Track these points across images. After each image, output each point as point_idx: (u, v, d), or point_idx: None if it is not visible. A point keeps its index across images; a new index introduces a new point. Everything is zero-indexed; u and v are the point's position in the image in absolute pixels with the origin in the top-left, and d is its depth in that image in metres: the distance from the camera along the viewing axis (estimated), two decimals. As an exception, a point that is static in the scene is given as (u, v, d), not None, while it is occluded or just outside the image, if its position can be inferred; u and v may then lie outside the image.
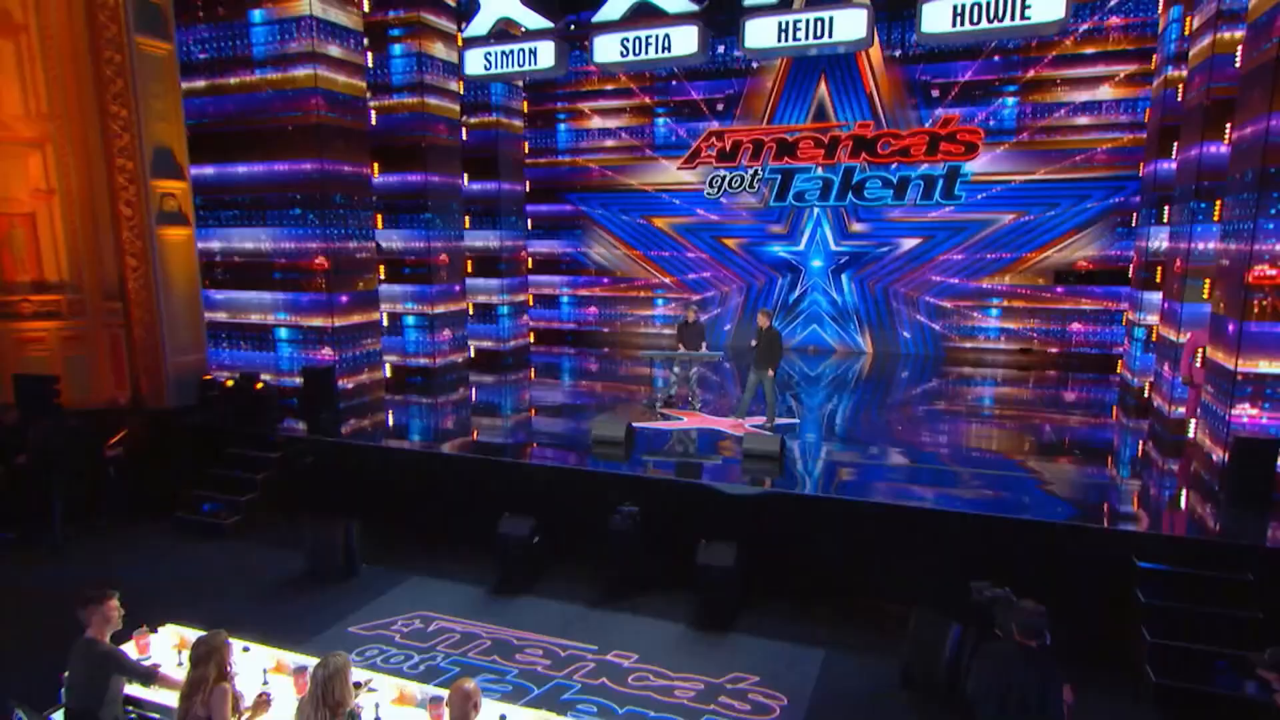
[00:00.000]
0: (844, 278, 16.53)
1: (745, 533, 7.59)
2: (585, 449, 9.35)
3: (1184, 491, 7.81)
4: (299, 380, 11.34)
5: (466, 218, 15.22)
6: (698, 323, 12.00)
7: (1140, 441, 9.92)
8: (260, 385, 11.09)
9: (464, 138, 14.70)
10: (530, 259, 18.18)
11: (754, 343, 10.31)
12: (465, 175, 14.88)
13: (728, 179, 16.65)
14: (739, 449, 9.24)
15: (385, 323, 13.39)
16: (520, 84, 16.23)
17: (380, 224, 13.23)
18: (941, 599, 6.39)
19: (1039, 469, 8.65)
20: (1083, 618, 6.37)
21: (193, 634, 5.30)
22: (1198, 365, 8.91)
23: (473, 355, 15.39)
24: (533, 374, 15.68)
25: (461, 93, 14.10)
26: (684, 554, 7.56)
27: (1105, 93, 14.16)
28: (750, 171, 16.47)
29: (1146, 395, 11.41)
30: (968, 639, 5.76)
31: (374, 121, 12.53)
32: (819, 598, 7.51)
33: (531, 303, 18.56)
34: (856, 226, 16.17)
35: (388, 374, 13.19)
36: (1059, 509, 7.24)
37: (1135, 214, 14.21)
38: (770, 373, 10.16)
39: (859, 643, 6.95)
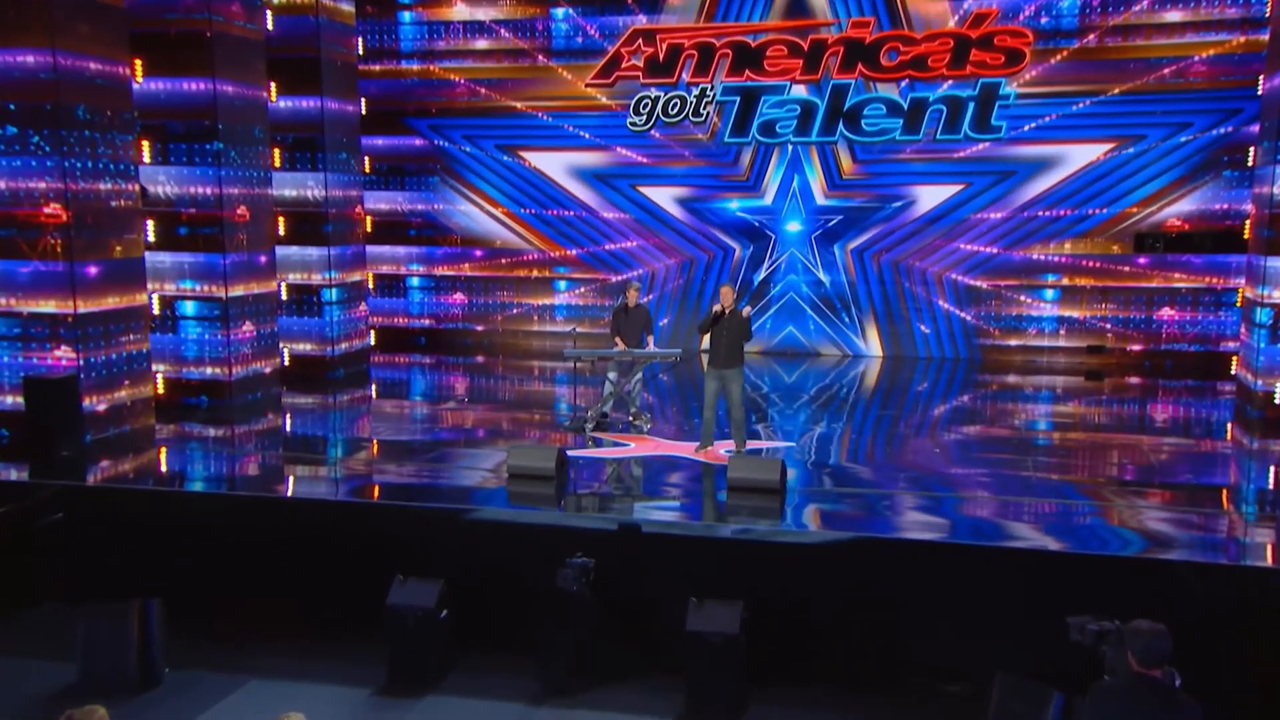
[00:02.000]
0: (835, 250, 17.49)
1: (752, 589, 8.19)
2: (498, 489, 10.00)
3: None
4: (15, 400, 11.31)
5: (275, 152, 15.34)
6: (640, 307, 12.49)
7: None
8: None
9: (268, 27, 14.86)
10: (368, 219, 18.43)
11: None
12: (272, 87, 15.04)
13: (661, 102, 17.36)
14: (720, 479, 9.95)
15: (155, 310, 13.40)
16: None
17: (145, 157, 13.27)
18: (1026, 663, 7.19)
19: (1130, 508, 9.76)
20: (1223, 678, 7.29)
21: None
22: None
23: (286, 363, 15.48)
24: (375, 392, 16.00)
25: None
26: (666, 620, 8.03)
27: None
28: (695, 91, 17.27)
29: (1280, 403, 12.53)
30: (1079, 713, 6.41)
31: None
32: (858, 677, 8.03)
33: (372, 286, 18.81)
34: (851, 171, 17.24)
35: (158, 389, 13.18)
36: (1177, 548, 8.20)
37: (1253, 149, 15.34)
38: (737, 377, 10.82)
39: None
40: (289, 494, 10.50)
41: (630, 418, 12.47)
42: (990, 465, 11.06)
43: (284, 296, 15.79)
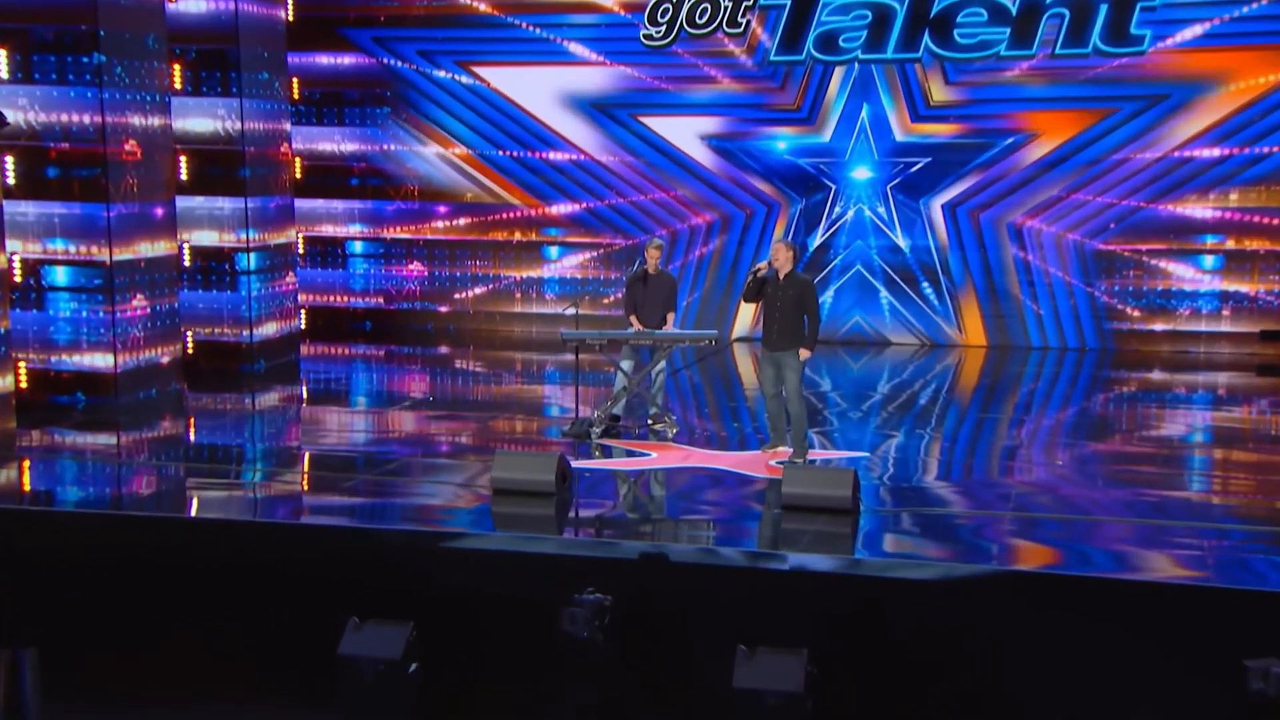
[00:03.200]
0: (920, 205, 17.47)
1: (819, 634, 8.21)
2: (479, 508, 10.14)
3: None
4: None
5: (175, 68, 15.36)
6: (663, 275, 12.57)
7: None
8: None
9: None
10: (298, 162, 18.47)
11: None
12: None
13: (686, 7, 17.37)
14: (768, 495, 10.12)
15: (16, 279, 13.40)
16: None
17: (2, 72, 13.27)
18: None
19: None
20: None
21: None
22: None
23: (190, 351, 15.53)
24: (306, 391, 16.05)
25: None
26: (705, 675, 8.02)
27: None
28: (733, -7, 17.46)
29: None
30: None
31: None
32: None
33: (302, 253, 18.83)
34: (941, 99, 17.20)
35: (20, 383, 13.18)
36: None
37: None
38: (801, 361, 11.01)
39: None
40: (200, 515, 10.49)
41: (650, 421, 12.49)
42: (1129, 486, 11.09)
43: (187, 263, 15.77)
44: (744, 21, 17.33)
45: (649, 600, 8.47)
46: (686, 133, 18.00)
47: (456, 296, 19.15)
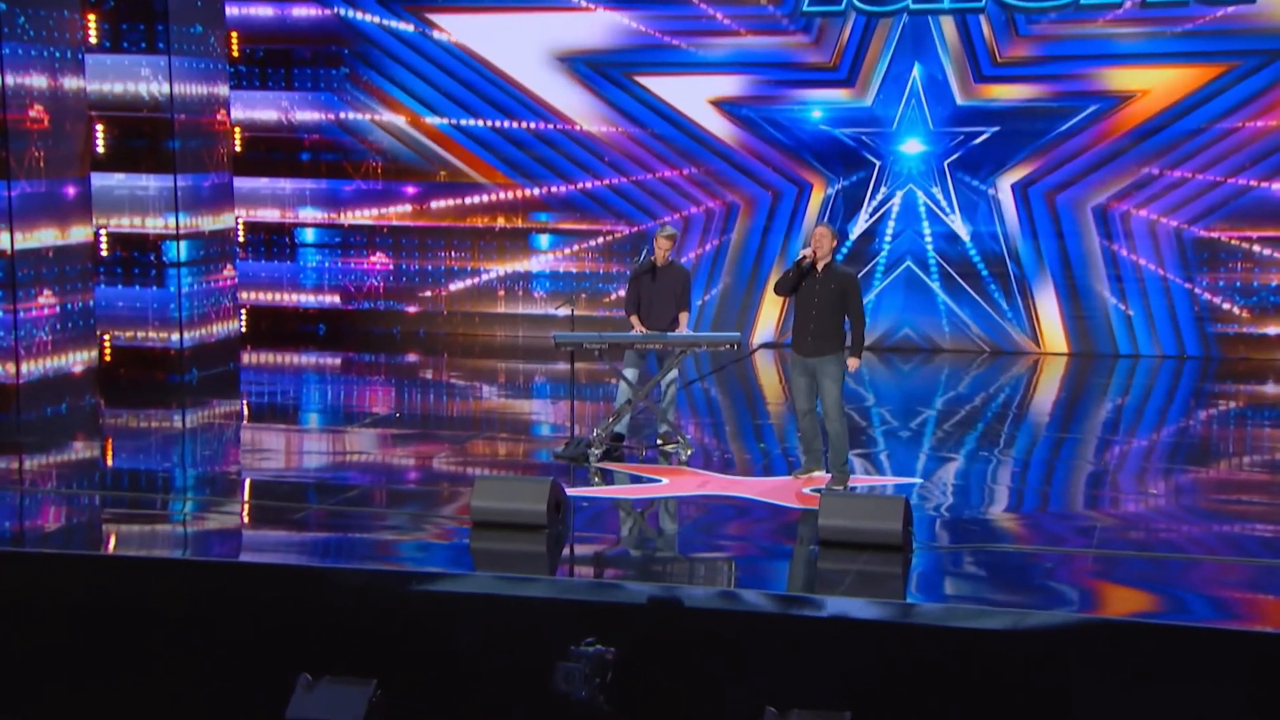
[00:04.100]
0: (984, 184, 17.44)
1: (863, 695, 8.22)
2: (455, 544, 10.15)
3: None
4: None
5: (90, 19, 15.32)
6: (675, 268, 12.58)
7: None
8: None
9: None
10: (238, 132, 18.50)
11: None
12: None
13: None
14: (802, 529, 10.23)
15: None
16: None
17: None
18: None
19: None
20: None
21: None
22: None
23: (107, 358, 15.54)
24: (248, 407, 16.06)
25: None
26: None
27: None
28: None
29: None
30: None
31: None
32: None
33: (243, 242, 18.88)
34: (1010, 55, 17.19)
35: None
36: None
37: None
38: (842, 371, 11.10)
39: None
40: (119, 552, 10.49)
41: (659, 441, 12.53)
42: (1235, 520, 11.07)
43: (104, 253, 15.83)
44: (772, -38, 17.43)
45: (659, 653, 8.50)
46: (699, 98, 18.04)
47: (428, 294, 19.20)
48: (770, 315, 17.81)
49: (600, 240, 18.63)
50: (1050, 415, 15.40)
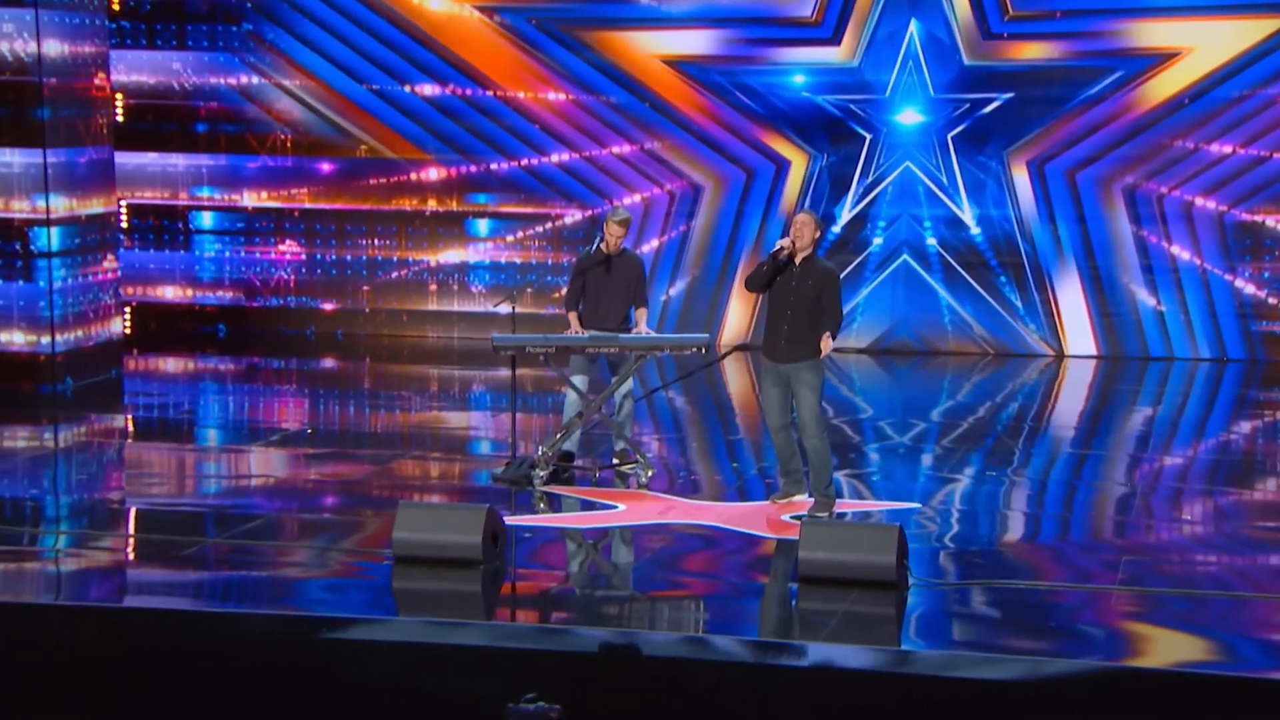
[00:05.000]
0: (992, 160, 17.51)
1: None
2: (375, 583, 10.11)
3: None
4: None
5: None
6: (629, 257, 12.58)
7: None
8: None
9: None
10: (120, 100, 18.42)
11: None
12: None
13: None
14: (778, 562, 10.29)
15: None
16: None
17: None
18: None
19: None
20: None
21: None
22: None
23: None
24: (132, 422, 16.01)
25: None
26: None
27: None
28: None
29: None
30: None
31: None
32: None
33: (127, 228, 18.84)
34: (1022, 10, 17.21)
35: None
36: None
37: None
38: (820, 374, 11.08)
39: None
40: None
41: (615, 460, 12.51)
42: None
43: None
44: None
45: (613, 710, 8.45)
46: (654, 57, 18.06)
47: (347, 289, 19.17)
48: (743, 314, 17.82)
49: (548, 226, 18.63)
50: (1070, 428, 15.44)
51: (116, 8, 18.20)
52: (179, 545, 11.26)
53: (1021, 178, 17.53)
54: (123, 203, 18.28)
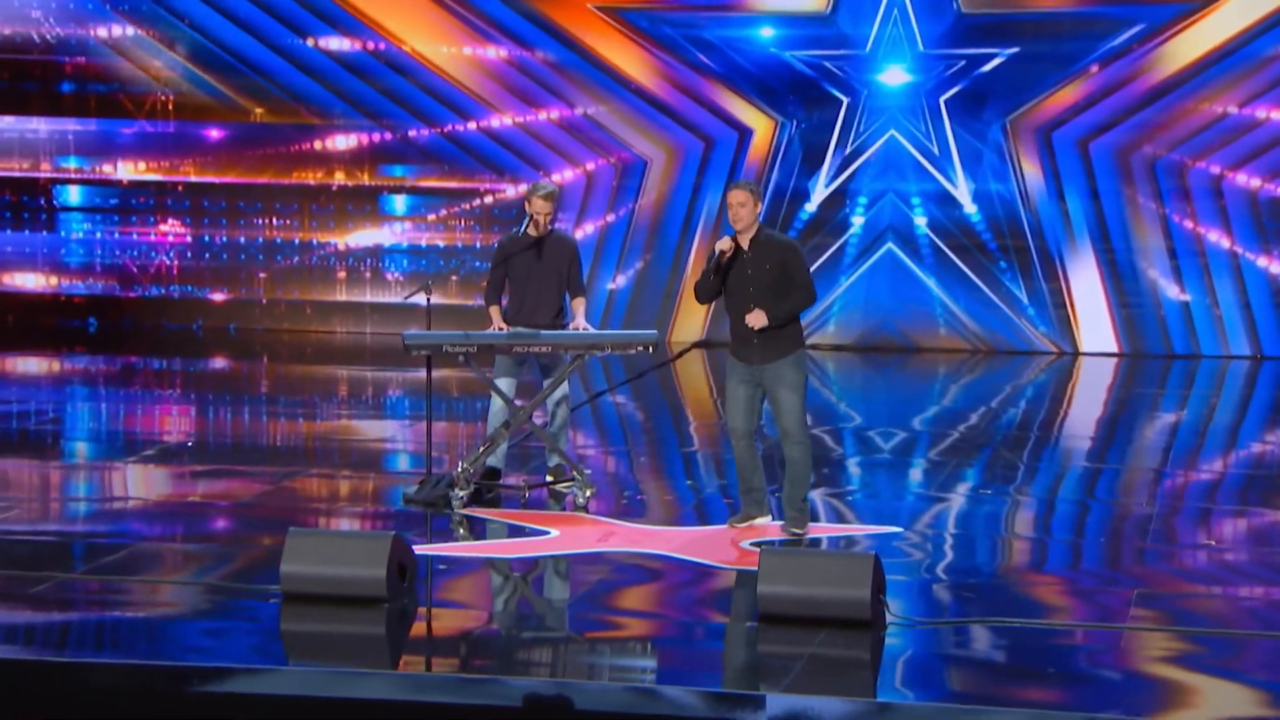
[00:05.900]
0: (992, 128, 17.64)
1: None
2: (260, 625, 9.97)
3: None
4: None
5: None
6: (560, 238, 12.68)
7: None
8: None
9: None
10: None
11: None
12: None
13: None
14: (738, 597, 10.30)
15: None
16: None
17: None
18: None
19: None
20: None
21: None
22: None
23: None
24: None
25: None
26: None
27: None
28: None
29: None
30: None
31: None
32: None
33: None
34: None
35: None
36: None
37: None
38: (791, 376, 11.05)
39: None
40: None
41: (549, 477, 12.49)
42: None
43: None
44: None
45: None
46: (595, 4, 18.10)
47: (241, 277, 19.17)
48: (699, 307, 17.69)
49: (475, 203, 18.73)
50: (1081, 437, 15.41)
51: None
52: (26, 581, 11.12)
53: (1026, 149, 17.45)
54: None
